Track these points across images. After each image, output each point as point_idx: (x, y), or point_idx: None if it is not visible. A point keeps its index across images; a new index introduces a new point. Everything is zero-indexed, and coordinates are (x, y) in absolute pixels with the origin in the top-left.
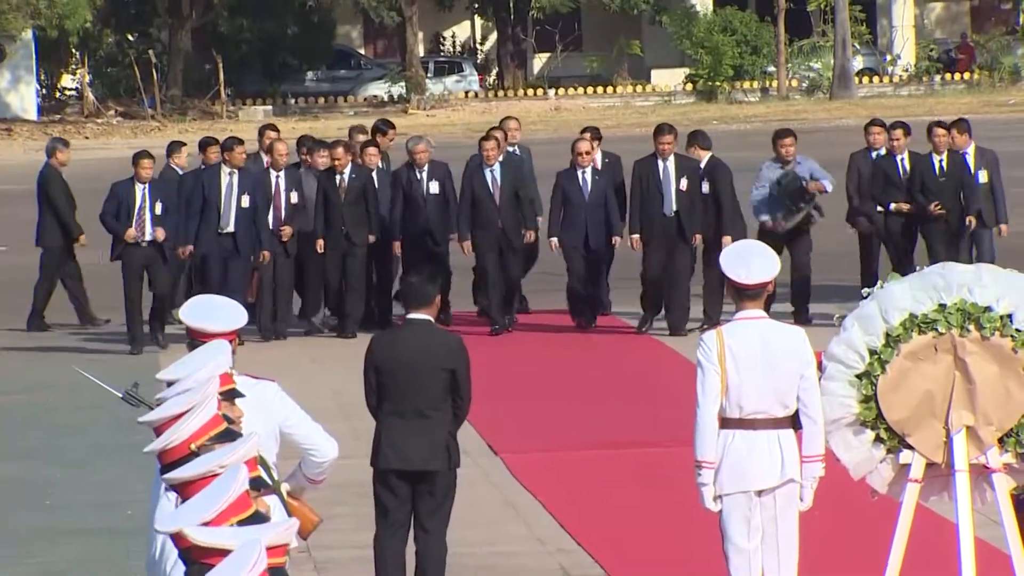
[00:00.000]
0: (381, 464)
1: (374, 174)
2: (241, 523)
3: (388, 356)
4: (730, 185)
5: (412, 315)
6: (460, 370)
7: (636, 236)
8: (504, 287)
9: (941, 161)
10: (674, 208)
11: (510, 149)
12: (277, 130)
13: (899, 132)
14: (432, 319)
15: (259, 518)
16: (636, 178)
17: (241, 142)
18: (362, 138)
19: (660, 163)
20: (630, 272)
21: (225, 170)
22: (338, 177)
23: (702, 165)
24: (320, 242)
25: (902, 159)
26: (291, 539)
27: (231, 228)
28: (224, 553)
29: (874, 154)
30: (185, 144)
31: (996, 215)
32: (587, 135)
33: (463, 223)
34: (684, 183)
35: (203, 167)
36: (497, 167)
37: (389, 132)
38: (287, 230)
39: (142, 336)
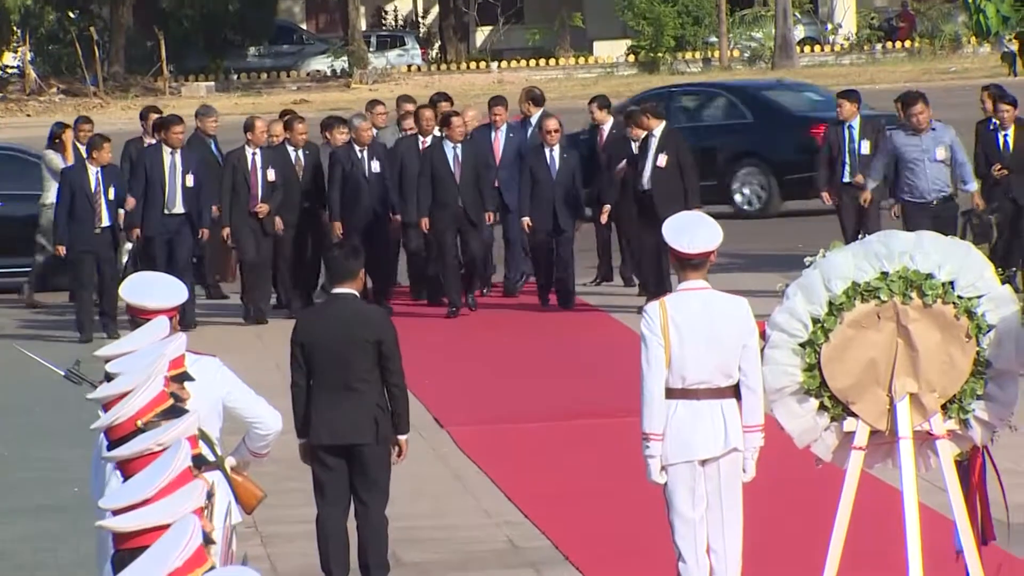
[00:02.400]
0: (313, 440)
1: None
2: None
3: (313, 331)
4: (690, 155)
5: (337, 290)
6: (387, 341)
7: (608, 206)
8: (465, 267)
9: (1006, 136)
10: (647, 185)
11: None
12: (212, 114)
13: (843, 100)
14: (357, 293)
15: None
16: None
17: (180, 120)
18: (409, 107)
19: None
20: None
21: (167, 149)
22: (294, 154)
23: (656, 134)
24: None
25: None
26: (203, 501)
27: (179, 209)
28: (154, 531)
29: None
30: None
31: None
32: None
33: (423, 200)
34: (662, 159)
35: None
36: (460, 144)
37: (442, 104)
38: (264, 207)
39: (91, 324)
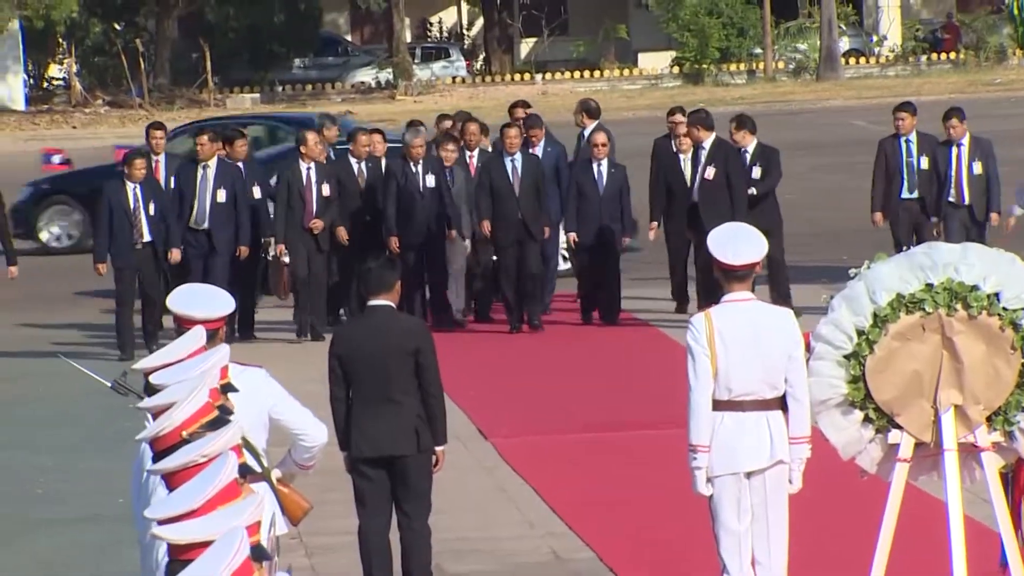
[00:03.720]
0: (354, 452)
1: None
2: None
3: (352, 344)
4: (739, 168)
5: (373, 302)
6: (424, 350)
7: (655, 224)
8: (525, 281)
9: None
10: (695, 197)
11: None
12: (207, 132)
13: (904, 114)
14: (393, 304)
15: None
16: (655, 161)
17: (207, 131)
18: (447, 124)
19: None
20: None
21: (200, 164)
22: (356, 167)
23: (749, 150)
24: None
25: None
26: (260, 515)
27: (206, 224)
28: (206, 544)
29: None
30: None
31: (988, 205)
32: (601, 131)
33: (482, 210)
34: (711, 172)
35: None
36: (519, 157)
37: (516, 111)
38: (318, 223)
39: (132, 341)
